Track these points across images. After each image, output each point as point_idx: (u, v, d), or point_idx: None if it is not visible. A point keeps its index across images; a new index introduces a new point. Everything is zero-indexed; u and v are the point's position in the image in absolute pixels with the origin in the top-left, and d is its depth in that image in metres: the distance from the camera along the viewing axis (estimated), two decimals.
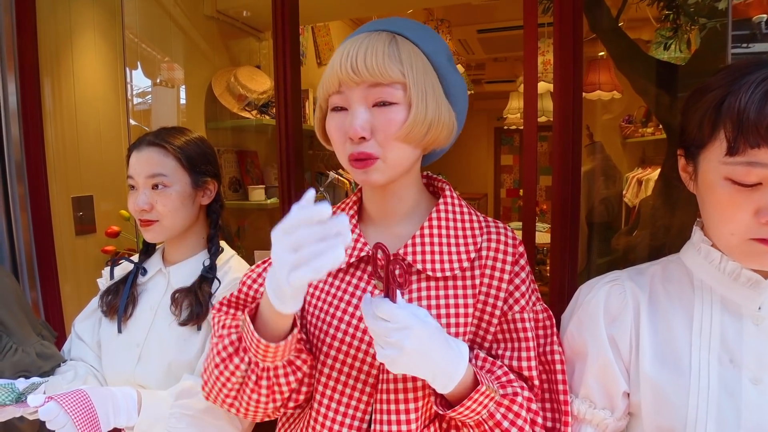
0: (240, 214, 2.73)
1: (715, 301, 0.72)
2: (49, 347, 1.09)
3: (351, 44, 0.72)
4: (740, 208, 0.63)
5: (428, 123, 0.72)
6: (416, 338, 0.62)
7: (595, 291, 0.80)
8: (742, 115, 0.60)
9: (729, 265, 0.70)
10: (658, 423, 0.71)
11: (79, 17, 2.01)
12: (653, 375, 0.72)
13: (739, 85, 0.62)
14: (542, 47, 2.75)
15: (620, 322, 0.76)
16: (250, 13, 2.72)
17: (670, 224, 1.82)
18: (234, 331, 0.77)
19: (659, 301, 0.76)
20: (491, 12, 3.46)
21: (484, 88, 6.03)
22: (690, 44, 1.92)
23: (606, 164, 2.65)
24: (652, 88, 1.90)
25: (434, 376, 0.66)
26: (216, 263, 1.08)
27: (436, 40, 0.76)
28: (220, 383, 0.76)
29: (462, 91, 0.80)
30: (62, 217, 1.93)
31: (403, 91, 0.71)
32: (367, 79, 0.70)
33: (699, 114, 0.67)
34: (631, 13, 2.01)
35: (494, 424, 0.70)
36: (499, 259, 0.78)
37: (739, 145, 0.60)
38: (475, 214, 0.83)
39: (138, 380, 1.02)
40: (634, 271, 0.81)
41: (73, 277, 1.96)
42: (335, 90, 0.73)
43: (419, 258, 0.76)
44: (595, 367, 0.77)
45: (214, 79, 2.60)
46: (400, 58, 0.70)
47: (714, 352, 0.70)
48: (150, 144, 1.05)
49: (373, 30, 0.74)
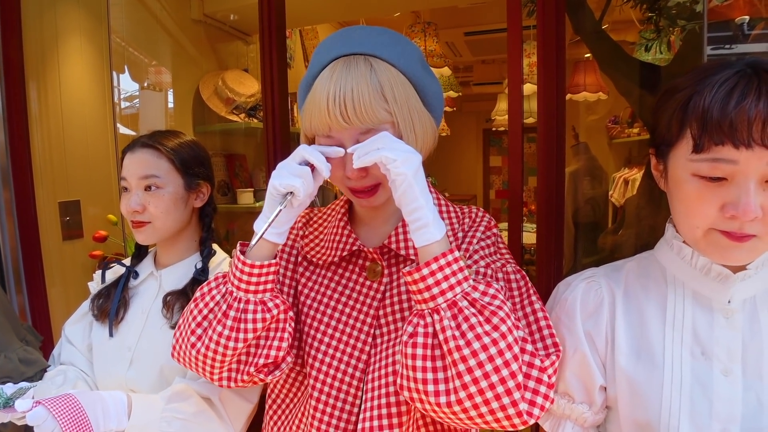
0: (229, 217, 2.72)
1: (687, 295, 0.74)
2: (32, 353, 1.08)
3: (334, 83, 0.73)
4: (707, 202, 0.65)
5: (419, 147, 0.77)
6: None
7: (572, 288, 0.82)
8: (706, 114, 0.62)
9: (700, 260, 0.72)
10: (635, 415, 0.73)
11: (65, 21, 2.00)
12: (628, 369, 0.74)
13: (703, 86, 0.64)
14: (528, 49, 2.78)
15: (596, 318, 0.78)
16: (238, 16, 2.72)
17: (655, 223, 1.85)
18: (221, 274, 0.81)
19: (634, 297, 0.78)
20: (478, 15, 3.49)
21: (472, 90, 6.07)
22: (671, 46, 1.95)
23: (591, 164, 2.69)
24: (635, 89, 1.93)
25: (427, 206, 0.69)
26: (209, 266, 1.09)
27: (409, 51, 0.79)
28: (191, 317, 0.78)
29: (437, 93, 0.83)
30: (49, 222, 1.92)
31: (392, 127, 0.75)
32: (358, 126, 0.73)
33: (668, 114, 0.69)
34: (615, 16, 2.04)
35: (470, 302, 0.66)
36: (470, 233, 0.84)
37: (704, 143, 0.63)
38: (452, 206, 0.89)
39: (130, 384, 1.02)
40: (610, 268, 0.83)
41: (60, 282, 1.95)
42: (325, 134, 0.76)
43: (402, 245, 0.82)
44: (573, 362, 0.78)
45: (201, 82, 2.60)
46: (384, 95, 0.73)
47: (686, 345, 0.72)
48: (144, 146, 1.05)
49: (350, 53, 0.75)
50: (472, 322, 0.64)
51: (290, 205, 0.73)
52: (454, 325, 0.64)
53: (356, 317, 0.82)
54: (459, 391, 0.63)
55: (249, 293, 0.75)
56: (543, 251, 1.46)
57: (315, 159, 0.73)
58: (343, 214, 0.89)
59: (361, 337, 0.81)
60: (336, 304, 0.84)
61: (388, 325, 0.81)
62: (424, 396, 0.65)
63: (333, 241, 0.86)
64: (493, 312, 0.65)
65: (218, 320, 0.75)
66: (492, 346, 0.63)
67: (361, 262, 0.85)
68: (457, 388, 0.63)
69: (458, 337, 0.63)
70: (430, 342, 0.66)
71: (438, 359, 0.65)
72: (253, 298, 0.75)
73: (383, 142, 0.70)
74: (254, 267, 0.74)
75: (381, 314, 0.81)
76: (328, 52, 0.77)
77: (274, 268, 0.76)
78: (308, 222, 0.94)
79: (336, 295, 0.85)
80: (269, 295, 0.77)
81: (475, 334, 0.63)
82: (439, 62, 3.15)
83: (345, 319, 0.82)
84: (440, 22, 3.34)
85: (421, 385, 0.65)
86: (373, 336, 0.81)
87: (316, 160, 0.73)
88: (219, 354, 0.75)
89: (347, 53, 0.75)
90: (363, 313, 0.82)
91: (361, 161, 0.70)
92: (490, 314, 0.65)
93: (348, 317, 0.82)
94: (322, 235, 0.89)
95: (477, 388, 0.63)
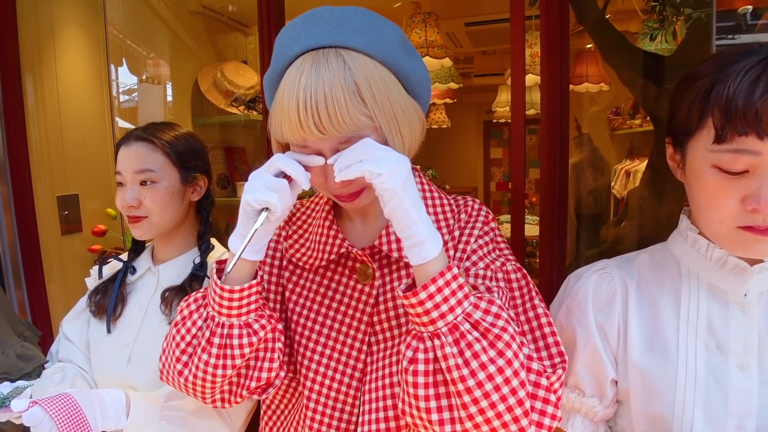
0: (229, 210, 2.71)
1: (702, 288, 0.72)
2: (30, 348, 1.07)
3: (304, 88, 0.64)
4: (727, 195, 0.63)
5: (406, 147, 0.71)
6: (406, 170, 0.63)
7: (583, 280, 0.80)
8: (730, 103, 0.60)
9: (716, 252, 0.70)
10: (647, 410, 0.72)
11: (60, 13, 1.98)
12: (641, 362, 0.73)
13: (727, 73, 0.62)
14: (530, 39, 2.76)
15: (608, 310, 0.77)
16: (236, 7, 2.70)
17: (658, 215, 1.83)
18: (200, 294, 0.76)
19: (647, 289, 0.77)
20: (479, 5, 3.46)
21: (473, 81, 6.03)
22: (676, 35, 1.93)
23: (594, 156, 2.67)
24: (639, 80, 1.91)
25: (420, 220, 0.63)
26: (207, 261, 1.07)
27: (387, 34, 0.70)
28: (174, 344, 0.74)
29: (422, 77, 0.75)
30: (47, 216, 1.90)
31: (375, 132, 0.67)
32: (335, 136, 0.65)
33: (687, 102, 0.67)
34: (618, 5, 2.02)
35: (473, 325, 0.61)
36: (467, 231, 0.79)
37: (727, 133, 0.61)
38: (446, 198, 0.83)
39: (128, 381, 1.01)
40: (623, 260, 0.82)
41: (59, 277, 1.94)
42: (299, 144, 0.68)
43: (394, 246, 0.76)
44: (584, 355, 0.77)
45: (200, 74, 2.58)
46: (361, 97, 0.65)
47: (701, 338, 0.70)
48: (138, 139, 1.03)
49: (318, 47, 0.66)
50: (476, 349, 0.59)
51: (267, 221, 0.67)
52: (457, 352, 0.59)
53: (349, 324, 0.77)
54: (465, 421, 0.60)
55: (232, 317, 0.70)
56: (546, 243, 1.45)
57: (293, 170, 0.66)
58: (328, 211, 0.82)
59: (355, 345, 0.76)
60: (327, 311, 0.79)
61: (384, 332, 0.76)
62: (428, 424, 0.62)
63: (319, 243, 0.80)
64: (498, 336, 0.60)
65: (203, 348, 0.71)
66: (498, 375, 0.59)
67: (350, 264, 0.79)
68: (462, 418, 0.60)
69: (462, 365, 0.59)
70: (432, 368, 0.61)
71: (441, 385, 0.61)
72: (237, 321, 0.70)
73: (366, 152, 0.63)
74: (234, 292, 0.69)
75: (375, 320, 0.77)
76: (293, 43, 0.67)
77: (255, 288, 0.71)
78: (290, 219, 0.87)
79: (326, 300, 0.79)
80: (254, 316, 0.72)
81: (480, 363, 0.59)
82: (439, 53, 3.12)
83: (338, 327, 0.78)
84: (441, 13, 3.31)
85: (425, 414, 0.62)
86: (368, 343, 0.76)
87: (294, 171, 0.66)
88: (208, 381, 0.71)
89: (315, 47, 0.66)
90: (356, 320, 0.77)
91: (343, 175, 0.63)
92: (495, 338, 0.60)
93: (341, 324, 0.78)
94: (307, 234, 0.83)
95: (483, 418, 0.60)
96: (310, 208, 0.87)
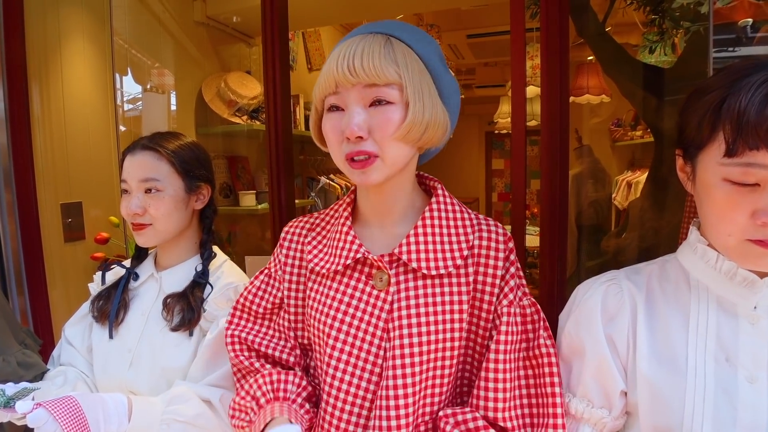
0: (231, 219, 2.72)
1: (711, 300, 0.72)
2: (30, 356, 1.08)
3: (347, 46, 0.73)
4: (738, 209, 0.63)
5: (425, 123, 0.74)
6: None
7: (592, 290, 0.80)
8: (742, 117, 0.60)
9: (725, 264, 0.70)
10: (655, 422, 0.72)
11: (67, 22, 2.01)
12: (650, 374, 0.72)
13: (739, 87, 0.62)
14: (531, 51, 2.78)
15: (617, 321, 0.76)
16: (240, 18, 2.73)
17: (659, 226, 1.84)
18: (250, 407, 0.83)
19: (656, 301, 0.76)
20: (480, 17, 3.49)
21: (475, 92, 6.06)
22: (675, 48, 1.94)
23: (594, 167, 2.68)
24: (639, 92, 1.92)
25: None
26: (209, 268, 1.08)
27: (430, 42, 0.78)
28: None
29: (455, 91, 0.81)
30: (51, 223, 1.91)
31: (400, 91, 0.72)
32: (364, 79, 0.71)
33: (698, 115, 0.67)
34: (618, 18, 2.04)
35: None
36: (491, 256, 0.79)
37: (738, 147, 0.61)
38: (467, 212, 0.84)
39: (129, 385, 1.01)
40: (631, 271, 0.81)
41: (62, 284, 1.94)
42: (332, 91, 0.74)
43: (414, 257, 0.77)
44: (593, 365, 0.77)
45: (204, 84, 2.60)
46: (395, 60, 0.72)
47: (710, 351, 0.70)
48: (144, 148, 1.04)
49: (368, 32, 0.75)
50: None
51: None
52: None
53: (365, 329, 0.77)
54: None
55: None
56: (546, 254, 1.45)
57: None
58: (347, 217, 0.83)
59: (372, 350, 0.76)
60: (344, 316, 0.79)
61: (394, 339, 0.76)
62: None
63: (336, 248, 0.81)
64: None
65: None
66: None
67: (367, 270, 0.80)
68: None
69: None
70: None
71: None
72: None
73: None
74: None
75: (390, 327, 0.76)
76: (347, 37, 0.76)
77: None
78: (311, 228, 0.89)
79: (343, 306, 0.79)
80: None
81: None
82: None
83: (354, 332, 0.78)
84: (443, 25, 3.34)
85: None
86: (384, 349, 0.76)
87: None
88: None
89: (366, 33, 0.75)
90: (372, 325, 0.77)
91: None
92: None
93: (357, 329, 0.78)
94: (326, 240, 0.85)
95: None
96: (329, 215, 0.89)
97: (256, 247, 2.81)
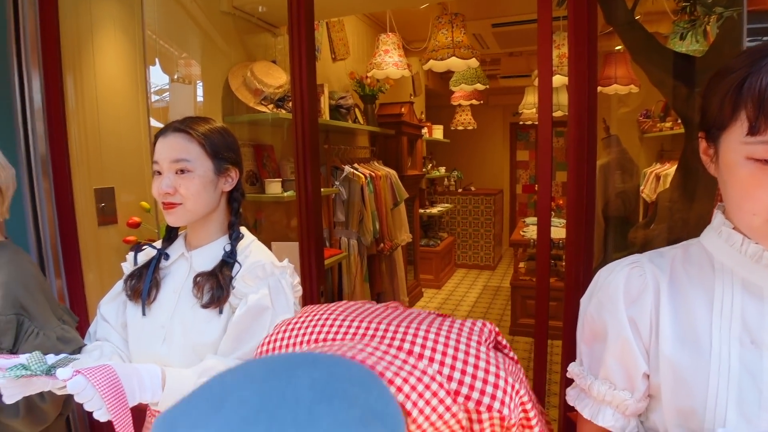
0: (257, 207, 2.77)
1: (736, 283, 0.71)
2: (69, 331, 1.13)
3: None
4: (762, 186, 0.63)
5: None
6: None
7: (615, 273, 0.80)
8: (763, 95, 0.60)
9: (751, 247, 0.69)
10: (679, 404, 0.71)
11: (99, 14, 2.06)
12: (673, 356, 0.72)
13: (759, 66, 0.62)
14: (557, 40, 2.74)
15: (640, 304, 0.76)
16: (266, 8, 2.75)
17: (688, 217, 1.80)
18: None
19: (680, 283, 0.76)
20: (506, 5, 3.45)
21: (500, 83, 6.00)
22: (707, 35, 1.89)
23: (622, 157, 2.63)
24: (669, 80, 1.88)
25: None
26: (236, 248, 1.11)
27: None
28: None
29: None
30: (85, 208, 1.98)
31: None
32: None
33: (720, 95, 0.67)
34: (647, 6, 2.00)
35: None
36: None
37: (761, 125, 0.61)
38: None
39: (163, 360, 1.05)
40: (655, 254, 0.81)
41: (96, 266, 2.02)
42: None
43: None
44: (615, 347, 0.77)
45: (230, 73, 2.64)
46: None
47: (735, 333, 0.69)
48: (176, 130, 1.08)
49: None
50: None
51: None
52: None
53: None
54: None
55: None
56: (572, 246, 1.44)
57: None
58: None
59: None
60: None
61: None
62: None
63: None
64: None
65: None
66: None
67: None
68: None
69: None
70: None
71: None
72: None
73: None
74: None
75: None
76: None
77: None
78: None
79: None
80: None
81: None
82: (466, 53, 3.12)
83: None
84: (468, 14, 3.31)
85: None
86: None
87: None
88: None
89: None
90: None
91: None
92: None
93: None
94: None
95: None
96: None
97: (282, 233, 2.86)
